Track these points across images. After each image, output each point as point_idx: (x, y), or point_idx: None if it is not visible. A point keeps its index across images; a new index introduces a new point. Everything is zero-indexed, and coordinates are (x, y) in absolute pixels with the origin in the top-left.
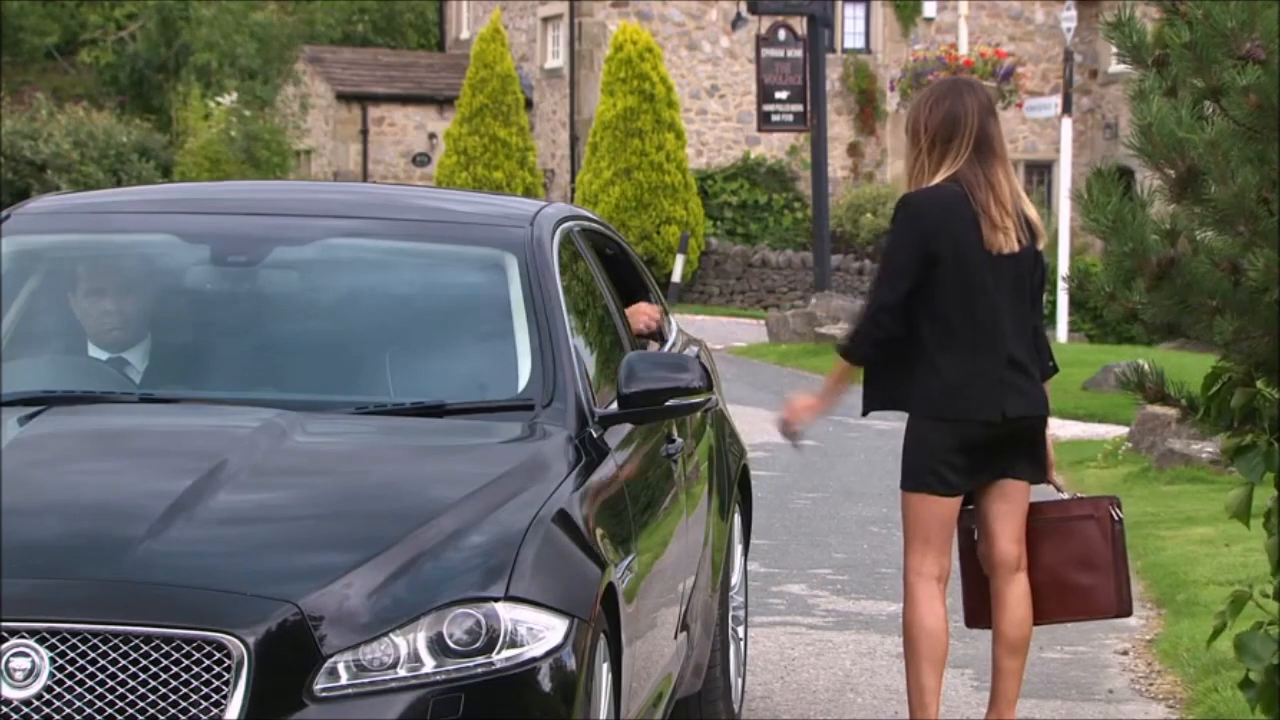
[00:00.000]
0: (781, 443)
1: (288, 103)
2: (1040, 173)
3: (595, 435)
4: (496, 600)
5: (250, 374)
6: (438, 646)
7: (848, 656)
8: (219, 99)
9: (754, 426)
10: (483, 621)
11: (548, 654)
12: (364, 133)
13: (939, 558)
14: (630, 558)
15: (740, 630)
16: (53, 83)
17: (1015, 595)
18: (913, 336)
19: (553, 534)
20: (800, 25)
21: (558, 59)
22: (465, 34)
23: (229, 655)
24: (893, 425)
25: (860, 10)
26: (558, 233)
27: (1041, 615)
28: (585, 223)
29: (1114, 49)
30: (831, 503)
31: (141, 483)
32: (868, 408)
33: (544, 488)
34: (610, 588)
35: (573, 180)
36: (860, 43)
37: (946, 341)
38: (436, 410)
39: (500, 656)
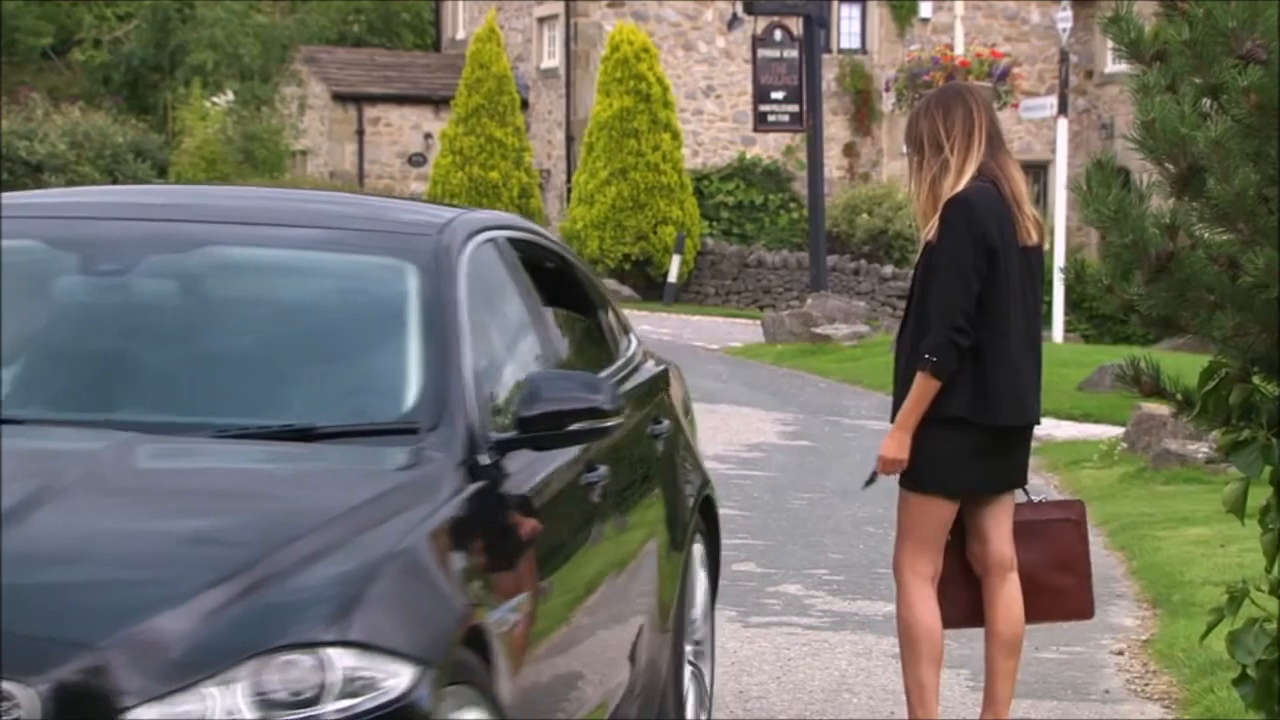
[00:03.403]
0: (776, 443)
1: (285, 103)
2: (1036, 173)
3: (487, 462)
4: (331, 645)
5: (109, 394)
6: (259, 698)
7: (844, 657)
8: (215, 99)
9: (750, 426)
10: (314, 668)
11: (390, 704)
12: (360, 133)
13: (933, 558)
14: (518, 598)
15: (705, 669)
16: (48, 83)
17: (1009, 595)
18: None
19: (410, 571)
20: (796, 26)
21: (553, 59)
22: (461, 34)
23: (18, 706)
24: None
25: (856, 11)
26: (471, 243)
27: None
28: (516, 233)
29: (1110, 46)
30: (827, 503)
31: None
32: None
33: (407, 520)
34: (477, 630)
35: (568, 180)
36: (856, 43)
37: (992, 342)
38: (307, 434)
39: (333, 709)
